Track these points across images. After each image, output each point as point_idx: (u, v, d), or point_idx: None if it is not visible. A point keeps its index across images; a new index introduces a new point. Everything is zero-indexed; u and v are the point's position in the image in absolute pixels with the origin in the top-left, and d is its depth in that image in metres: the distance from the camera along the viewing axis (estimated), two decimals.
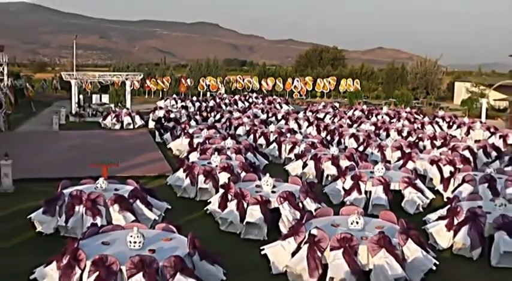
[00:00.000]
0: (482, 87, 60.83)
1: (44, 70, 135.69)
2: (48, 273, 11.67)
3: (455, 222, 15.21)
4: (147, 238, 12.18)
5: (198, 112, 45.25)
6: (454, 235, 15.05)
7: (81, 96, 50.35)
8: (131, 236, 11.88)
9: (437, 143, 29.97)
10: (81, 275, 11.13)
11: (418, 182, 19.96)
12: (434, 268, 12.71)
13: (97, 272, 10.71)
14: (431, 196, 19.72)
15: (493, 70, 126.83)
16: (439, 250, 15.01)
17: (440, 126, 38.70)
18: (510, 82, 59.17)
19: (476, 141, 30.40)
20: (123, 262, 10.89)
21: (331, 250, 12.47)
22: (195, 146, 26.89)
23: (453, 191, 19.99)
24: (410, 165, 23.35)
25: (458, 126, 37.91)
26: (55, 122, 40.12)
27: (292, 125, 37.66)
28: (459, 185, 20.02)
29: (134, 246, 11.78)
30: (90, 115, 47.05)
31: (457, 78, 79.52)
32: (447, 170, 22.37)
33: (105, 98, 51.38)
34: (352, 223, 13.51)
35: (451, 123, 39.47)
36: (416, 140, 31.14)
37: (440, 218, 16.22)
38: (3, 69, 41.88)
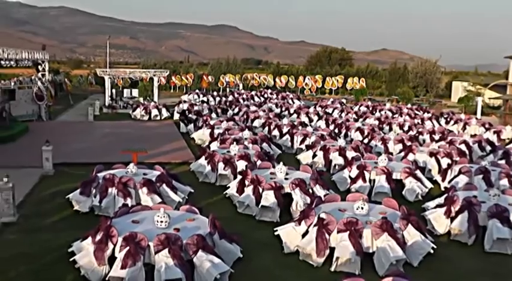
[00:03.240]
0: (478, 86, 60.46)
1: (81, 67, 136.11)
2: (84, 247, 11.75)
3: (453, 210, 15.14)
4: (172, 218, 12.25)
5: (218, 106, 45.19)
6: (451, 222, 14.98)
7: (113, 90, 50.46)
8: (158, 216, 11.94)
9: (436, 137, 29.79)
10: (113, 249, 11.21)
11: (418, 172, 19.86)
12: (432, 251, 12.67)
13: (127, 248, 10.76)
14: (430, 185, 19.57)
15: (488, 71, 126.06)
16: (436, 235, 14.90)
17: (438, 122, 38.45)
18: (504, 82, 58.91)
19: (472, 136, 30.14)
20: (151, 239, 10.95)
21: (338, 232, 12.48)
22: (215, 136, 26.88)
23: (450, 181, 19.88)
24: (411, 157, 23.23)
25: (456, 122, 37.59)
26: (90, 113, 40.24)
27: (304, 118, 37.50)
28: (456, 176, 19.89)
29: (161, 225, 11.83)
30: (121, 107, 47.13)
31: (455, 78, 78.80)
32: (445, 162, 22.25)
33: (135, 92, 51.60)
34: (357, 209, 13.50)
35: (448, 119, 39.22)
36: (417, 134, 30.93)
37: (438, 206, 16.12)
38: (44, 66, 41.99)
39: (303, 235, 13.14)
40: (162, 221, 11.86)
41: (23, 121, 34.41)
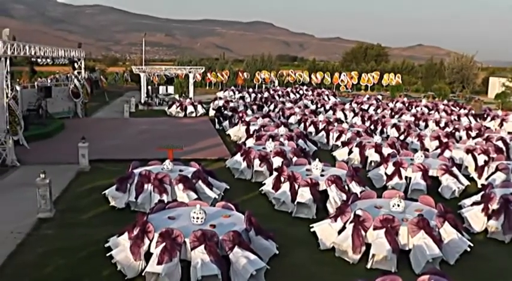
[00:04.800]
0: None
1: (116, 64, 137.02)
2: (121, 242, 11.89)
3: (490, 207, 14.97)
4: (208, 215, 12.31)
5: (253, 102, 45.26)
6: (488, 220, 14.82)
7: (149, 87, 50.90)
8: (194, 212, 12.02)
9: (473, 133, 29.46)
10: (149, 245, 11.32)
11: (455, 169, 19.68)
12: (468, 249, 12.55)
13: (164, 243, 10.85)
14: (466, 182, 19.37)
15: None
16: (473, 233, 14.77)
17: (475, 118, 37.94)
18: None
19: (509, 132, 29.72)
20: (187, 235, 11.04)
21: (374, 229, 12.45)
22: (251, 133, 26.94)
23: (487, 178, 19.70)
24: (447, 153, 22.97)
25: (492, 119, 37.15)
26: (126, 110, 40.68)
27: (339, 115, 37.41)
28: (493, 173, 19.70)
29: (197, 221, 11.92)
30: (157, 104, 47.48)
31: (492, 74, 77.81)
32: (481, 159, 21.96)
33: (171, 89, 51.88)
34: (393, 206, 13.44)
35: (485, 116, 38.70)
36: (453, 131, 30.61)
37: (474, 203, 15.98)
38: (80, 63, 42.39)
39: (339, 232, 13.12)
40: (198, 218, 11.94)
41: (60, 118, 34.96)
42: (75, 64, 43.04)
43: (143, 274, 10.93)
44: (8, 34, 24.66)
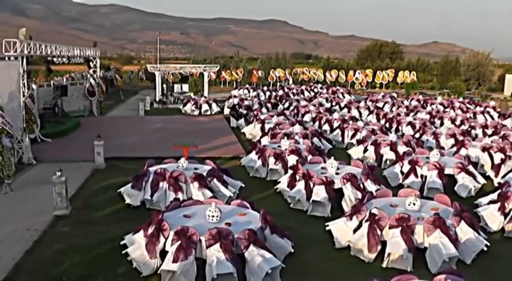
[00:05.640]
0: None
1: (131, 63, 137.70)
2: (136, 240, 11.92)
3: (506, 206, 14.86)
4: (224, 213, 12.31)
5: (268, 100, 45.23)
6: (505, 219, 14.71)
7: (164, 85, 50.96)
8: (210, 210, 12.02)
9: (489, 131, 29.19)
10: (164, 243, 11.33)
11: (471, 167, 19.52)
12: (485, 249, 12.45)
13: (179, 242, 10.85)
14: (482, 181, 19.19)
15: None
16: (490, 232, 14.65)
17: (491, 116, 37.67)
18: None
19: None
20: (202, 233, 11.02)
21: (389, 228, 12.39)
22: (266, 131, 26.83)
23: (503, 176, 19.55)
24: (463, 152, 22.85)
25: (509, 116, 36.84)
26: (141, 108, 40.76)
27: (354, 113, 37.26)
28: (509, 171, 19.63)
29: (212, 219, 11.92)
30: (172, 102, 47.52)
31: (508, 71, 77.27)
32: (498, 157, 21.74)
33: (185, 87, 51.88)
34: (409, 204, 13.38)
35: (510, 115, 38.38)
36: (469, 129, 30.35)
37: (491, 202, 15.85)
38: (96, 62, 42.55)
39: (355, 230, 13.08)
40: (213, 216, 11.94)
41: (75, 116, 35.18)
42: (91, 63, 43.25)
43: (159, 271, 10.94)
44: (24, 34, 24.88)
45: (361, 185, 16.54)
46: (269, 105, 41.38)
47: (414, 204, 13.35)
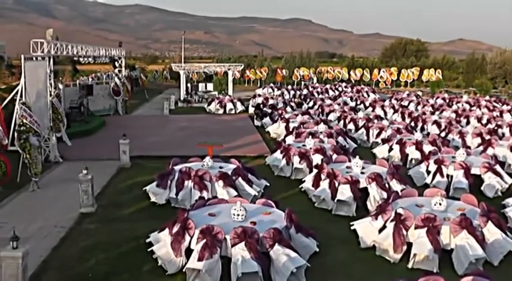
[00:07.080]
0: None
1: (156, 62, 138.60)
2: (161, 238, 11.96)
3: None
4: (249, 212, 12.31)
5: (292, 99, 45.20)
6: None
7: (188, 84, 51.24)
8: (235, 209, 12.03)
9: None
10: (189, 241, 11.35)
11: (498, 167, 19.29)
12: None
13: (204, 240, 10.86)
14: (510, 181, 18.96)
15: None
16: None
17: None
18: None
19: None
20: (228, 232, 11.03)
21: (415, 228, 12.28)
22: (290, 130, 26.82)
23: None
24: (490, 151, 22.61)
25: None
26: (166, 107, 40.98)
27: (379, 112, 37.09)
28: None
29: (237, 218, 11.92)
30: (196, 101, 47.74)
31: None
32: None
33: (210, 86, 52.12)
34: (435, 204, 13.26)
35: None
36: (496, 127, 30.00)
37: None
38: (121, 62, 42.86)
39: (380, 230, 12.99)
40: (238, 215, 11.95)
41: (101, 115, 35.50)
42: (116, 63, 43.57)
43: (184, 270, 10.97)
44: (51, 34, 25.14)
45: (387, 185, 16.42)
46: (293, 104, 41.37)
47: (440, 204, 13.22)
